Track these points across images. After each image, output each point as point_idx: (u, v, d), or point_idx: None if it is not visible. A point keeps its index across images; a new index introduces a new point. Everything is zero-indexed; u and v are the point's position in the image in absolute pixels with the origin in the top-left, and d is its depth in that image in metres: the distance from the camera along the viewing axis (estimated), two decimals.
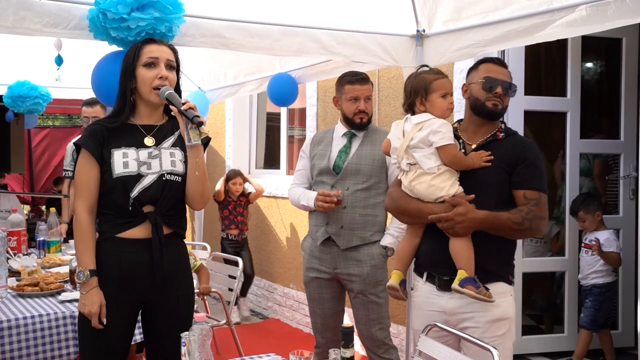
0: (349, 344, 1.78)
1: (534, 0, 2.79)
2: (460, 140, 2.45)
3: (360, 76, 3.18)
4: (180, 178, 2.35)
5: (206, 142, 2.38)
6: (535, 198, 2.30)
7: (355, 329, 3.21)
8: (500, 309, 2.33)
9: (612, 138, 4.54)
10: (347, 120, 3.21)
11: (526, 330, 4.34)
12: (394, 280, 2.48)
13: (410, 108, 2.45)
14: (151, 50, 2.33)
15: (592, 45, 4.21)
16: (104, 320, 2.26)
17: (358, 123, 3.17)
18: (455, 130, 2.46)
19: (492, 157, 2.35)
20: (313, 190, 3.26)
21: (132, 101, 2.36)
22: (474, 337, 2.16)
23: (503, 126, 2.46)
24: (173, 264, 2.36)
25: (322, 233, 3.18)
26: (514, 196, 2.34)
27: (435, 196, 2.34)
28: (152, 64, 2.31)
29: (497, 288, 2.33)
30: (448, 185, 2.32)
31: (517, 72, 4.01)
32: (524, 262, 4.18)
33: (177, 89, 2.37)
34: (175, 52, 2.41)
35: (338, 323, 3.19)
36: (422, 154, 2.35)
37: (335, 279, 3.22)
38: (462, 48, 3.20)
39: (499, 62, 2.45)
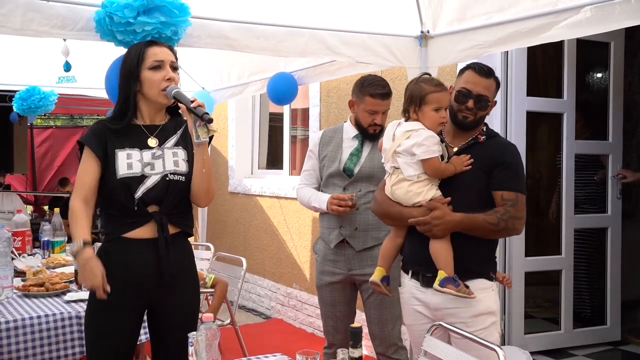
0: (357, 344, 1.80)
1: (538, 1, 2.80)
2: (444, 143, 2.47)
3: (383, 91, 3.03)
4: (183, 177, 2.36)
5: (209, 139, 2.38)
6: (512, 199, 2.35)
7: (366, 330, 3.20)
8: (483, 303, 2.39)
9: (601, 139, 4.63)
10: (360, 128, 3.14)
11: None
12: (375, 276, 2.55)
13: (405, 113, 2.46)
14: (156, 53, 2.34)
15: (582, 48, 4.27)
16: (108, 289, 2.21)
17: (371, 134, 3.12)
18: (439, 132, 2.47)
19: (472, 160, 2.39)
20: (323, 191, 3.22)
21: (135, 103, 2.37)
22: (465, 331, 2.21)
23: (485, 129, 2.48)
24: (179, 263, 2.37)
25: (336, 235, 3.14)
26: (493, 197, 2.38)
27: (412, 201, 2.40)
28: (158, 67, 2.32)
29: (478, 284, 2.39)
30: (425, 191, 2.38)
31: (519, 74, 4.02)
32: (521, 261, 4.20)
33: None
34: (175, 53, 2.42)
35: (349, 326, 3.18)
36: (404, 161, 2.39)
37: (348, 281, 3.20)
38: (466, 49, 3.20)
39: (482, 71, 2.41)
